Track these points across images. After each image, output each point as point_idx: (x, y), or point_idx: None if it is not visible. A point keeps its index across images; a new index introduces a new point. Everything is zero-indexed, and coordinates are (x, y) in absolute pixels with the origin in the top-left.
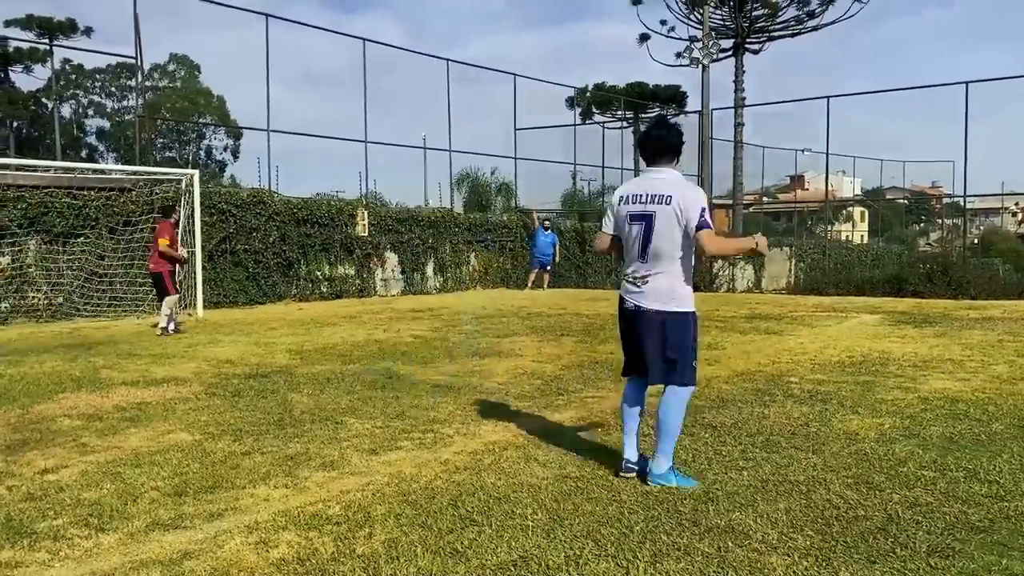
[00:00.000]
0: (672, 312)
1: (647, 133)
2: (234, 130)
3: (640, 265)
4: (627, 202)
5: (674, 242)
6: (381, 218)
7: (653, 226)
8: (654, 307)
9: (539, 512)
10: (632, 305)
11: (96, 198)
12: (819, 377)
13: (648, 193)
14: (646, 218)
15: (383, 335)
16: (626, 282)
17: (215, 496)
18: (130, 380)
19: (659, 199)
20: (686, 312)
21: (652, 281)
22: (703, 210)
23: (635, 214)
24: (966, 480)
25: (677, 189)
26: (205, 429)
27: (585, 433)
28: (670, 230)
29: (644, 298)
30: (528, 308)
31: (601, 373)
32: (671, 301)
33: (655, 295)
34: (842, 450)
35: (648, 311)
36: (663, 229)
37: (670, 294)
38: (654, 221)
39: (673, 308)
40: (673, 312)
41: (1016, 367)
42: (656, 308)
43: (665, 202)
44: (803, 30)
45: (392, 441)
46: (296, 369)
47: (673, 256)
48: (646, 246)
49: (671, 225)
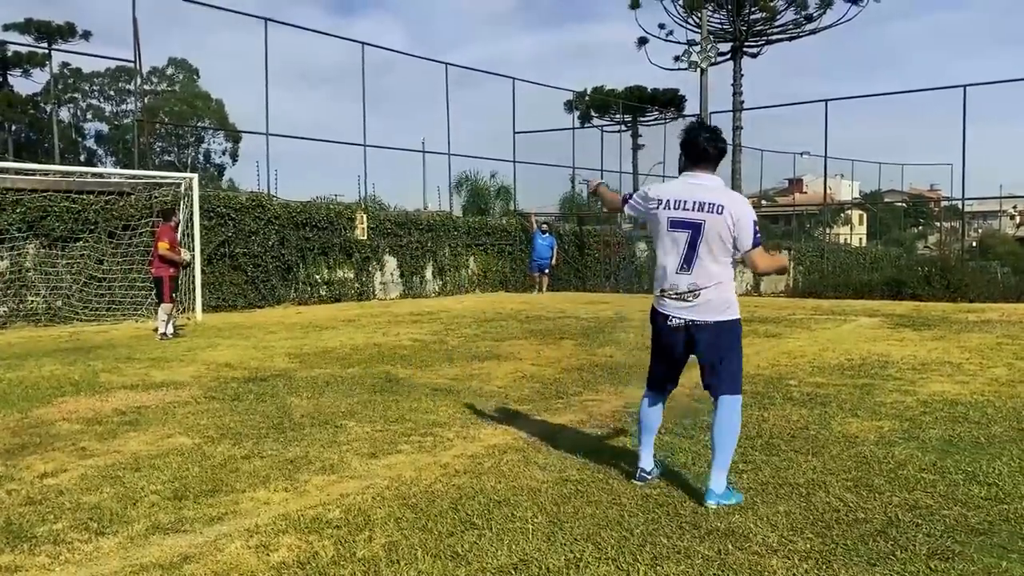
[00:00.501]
0: (729, 321)
1: (695, 136)
2: (233, 133)
3: (683, 277)
4: (668, 207)
5: (723, 253)
6: (380, 221)
7: (701, 235)
8: (713, 319)
9: (539, 515)
10: (682, 320)
11: (95, 202)
12: (818, 380)
13: (695, 200)
14: (693, 227)
15: (382, 339)
16: (668, 297)
17: (215, 500)
18: (129, 384)
19: (709, 208)
20: (738, 319)
21: (705, 294)
22: (755, 224)
23: (678, 221)
24: (966, 483)
25: (726, 199)
26: (204, 433)
27: (600, 434)
28: (720, 241)
29: (699, 312)
30: (527, 311)
31: (600, 376)
32: (727, 310)
33: (712, 308)
34: (841, 453)
35: (706, 324)
36: (713, 240)
37: (726, 304)
38: (703, 231)
39: (729, 317)
40: (729, 321)
41: (1015, 370)
42: (715, 320)
43: (716, 212)
44: (801, 33)
45: (392, 444)
46: (295, 373)
47: (722, 266)
48: (691, 256)
49: (722, 236)
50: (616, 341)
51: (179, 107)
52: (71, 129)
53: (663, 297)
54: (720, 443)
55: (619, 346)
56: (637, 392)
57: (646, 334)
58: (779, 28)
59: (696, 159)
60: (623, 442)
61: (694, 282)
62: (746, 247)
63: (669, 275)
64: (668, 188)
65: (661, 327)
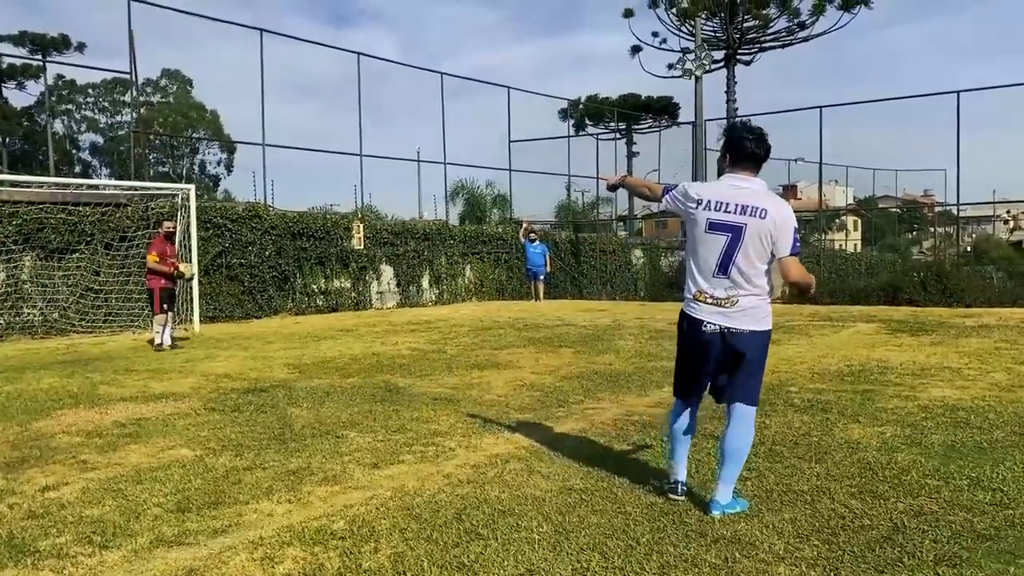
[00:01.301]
0: (764, 332)
1: (740, 136)
2: (228, 144)
3: (720, 281)
4: (708, 207)
5: (761, 259)
6: (376, 231)
7: (741, 240)
8: (749, 328)
9: (544, 525)
10: (717, 327)
11: (91, 214)
12: (819, 386)
13: (737, 203)
14: (734, 230)
15: (381, 348)
16: (702, 302)
17: (218, 512)
18: (128, 396)
19: (751, 211)
20: (770, 330)
21: (743, 301)
22: (796, 231)
23: (718, 223)
24: (970, 488)
25: (770, 203)
26: (206, 444)
27: (603, 443)
28: (760, 246)
29: (736, 320)
30: (524, 319)
31: (600, 384)
32: (763, 320)
33: (750, 316)
34: (845, 459)
35: (742, 332)
36: (753, 244)
37: (762, 313)
38: (743, 235)
39: (764, 328)
40: (764, 331)
41: (1014, 374)
42: (751, 329)
43: (759, 216)
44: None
45: (394, 455)
46: (295, 383)
47: (760, 273)
48: (729, 260)
49: (762, 241)
50: (615, 349)
51: (173, 118)
52: (66, 141)
53: (696, 301)
54: (729, 455)
55: (618, 354)
56: (638, 400)
57: (644, 341)
58: (772, 35)
59: (740, 160)
60: (625, 449)
61: (732, 288)
62: (783, 253)
63: (704, 279)
64: (710, 188)
65: (693, 333)
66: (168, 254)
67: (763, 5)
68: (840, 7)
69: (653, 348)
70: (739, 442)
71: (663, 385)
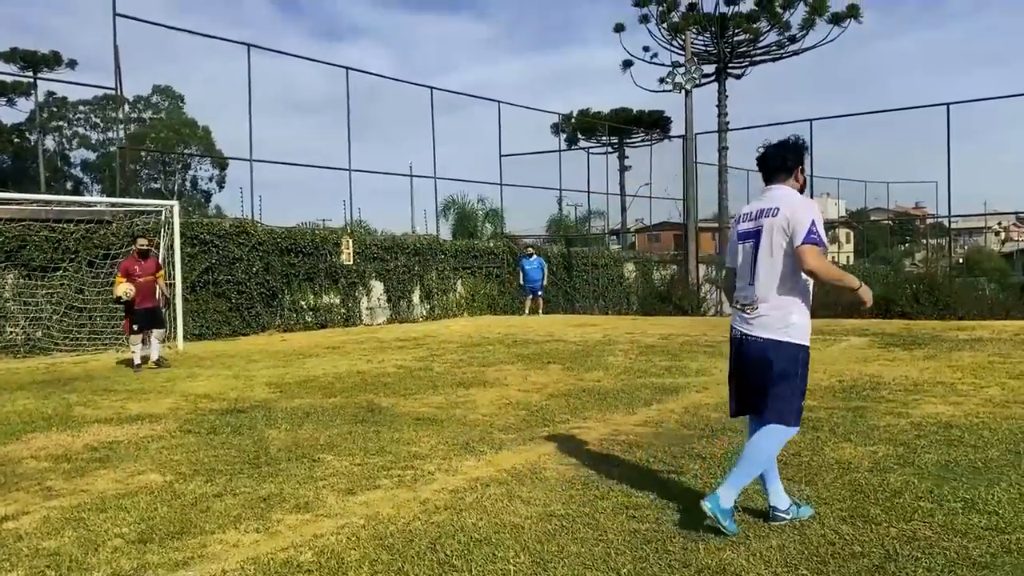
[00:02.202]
0: (783, 342)
1: (760, 154)
2: (220, 160)
3: (749, 290)
4: (739, 221)
5: (783, 261)
6: (366, 246)
7: (760, 243)
8: (764, 336)
9: (522, 555)
10: (739, 334)
11: (75, 231)
12: (809, 403)
13: (758, 209)
14: (755, 236)
15: (366, 366)
16: (735, 309)
17: (181, 543)
18: (103, 418)
19: (766, 213)
20: (799, 345)
21: (763, 308)
22: (813, 223)
23: (743, 232)
24: (964, 511)
25: (784, 202)
26: (177, 469)
27: (588, 464)
28: (776, 246)
29: (752, 326)
30: (515, 335)
31: (588, 402)
32: (783, 330)
33: (766, 324)
34: (835, 480)
35: (756, 339)
36: (768, 245)
37: (783, 324)
38: (761, 237)
39: (784, 338)
40: (785, 343)
41: (1008, 389)
42: (766, 337)
43: (771, 215)
44: (784, 54)
45: (370, 479)
46: (275, 403)
47: (784, 278)
48: (754, 267)
49: (778, 240)
50: (605, 365)
51: (165, 134)
52: (57, 157)
53: (733, 310)
54: (743, 459)
55: (607, 370)
56: (625, 419)
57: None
58: (762, 49)
59: (766, 175)
60: (610, 472)
61: (754, 294)
62: (798, 241)
63: (739, 288)
64: (745, 206)
65: (731, 342)
66: (137, 272)
67: (754, 19)
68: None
69: (643, 364)
70: (751, 450)
71: (651, 403)
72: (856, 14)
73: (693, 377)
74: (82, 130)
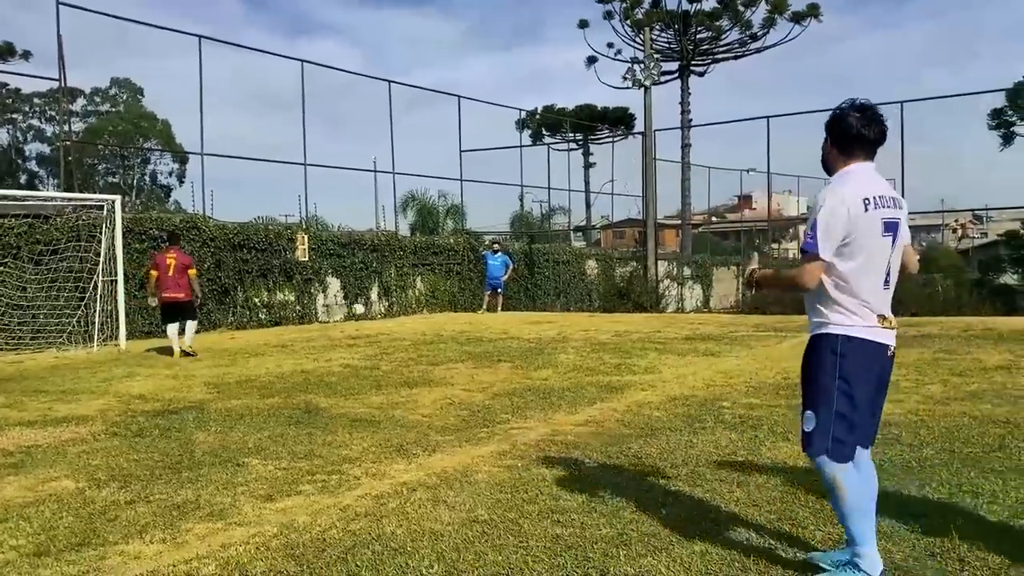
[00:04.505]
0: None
1: (875, 119)
2: (180, 155)
3: (886, 294)
4: (876, 205)
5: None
6: (322, 242)
7: (897, 237)
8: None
9: (436, 564)
10: (890, 349)
11: (16, 226)
12: (752, 401)
13: (890, 195)
14: (895, 227)
15: (312, 364)
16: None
17: (79, 555)
18: (28, 420)
19: (899, 202)
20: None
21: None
22: (815, 223)
23: (890, 221)
24: (893, 514)
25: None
26: (93, 475)
27: (520, 466)
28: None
29: (894, 338)
30: (469, 333)
31: (531, 401)
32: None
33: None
34: (768, 482)
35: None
36: (901, 241)
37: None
38: (899, 230)
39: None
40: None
41: (950, 386)
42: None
43: (902, 206)
44: (746, 52)
45: (292, 485)
46: (210, 404)
47: None
48: (891, 266)
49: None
50: (555, 363)
51: (123, 127)
52: (11, 151)
53: (875, 326)
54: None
55: (556, 368)
56: (567, 418)
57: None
58: (725, 47)
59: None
60: (542, 475)
61: (889, 297)
62: (909, 240)
63: (868, 290)
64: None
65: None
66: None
67: (716, 17)
68: (791, 19)
69: (592, 362)
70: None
71: (595, 402)
72: (816, 13)
73: (640, 375)
74: (37, 123)
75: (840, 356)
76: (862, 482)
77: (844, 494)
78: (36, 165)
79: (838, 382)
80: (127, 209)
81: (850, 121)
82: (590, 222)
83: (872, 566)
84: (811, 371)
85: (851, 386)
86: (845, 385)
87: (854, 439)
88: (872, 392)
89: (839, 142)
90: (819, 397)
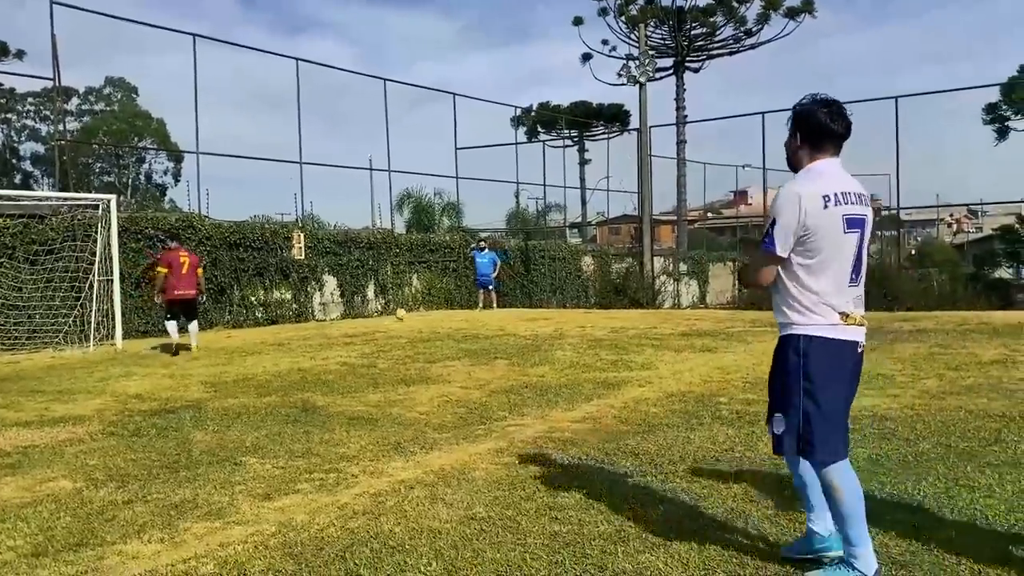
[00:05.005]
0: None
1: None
2: (175, 153)
3: (856, 290)
4: (838, 202)
5: None
6: (318, 240)
7: (864, 234)
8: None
9: (435, 562)
10: (860, 346)
11: (11, 226)
12: (749, 397)
13: (855, 192)
14: (861, 223)
15: (308, 363)
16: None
17: (77, 556)
18: (24, 420)
19: (865, 199)
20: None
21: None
22: (772, 223)
23: (853, 218)
24: (889, 508)
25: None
26: (91, 475)
27: (517, 463)
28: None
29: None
30: (465, 330)
31: (528, 398)
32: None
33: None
34: (765, 478)
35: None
36: (867, 237)
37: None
38: (865, 227)
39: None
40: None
41: (946, 380)
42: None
43: (868, 203)
44: (741, 48)
45: (290, 483)
46: (207, 403)
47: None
48: (859, 262)
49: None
50: (551, 360)
51: (118, 127)
52: (6, 151)
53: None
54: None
55: (553, 365)
56: (564, 415)
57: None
58: (719, 43)
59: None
60: (539, 472)
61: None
62: None
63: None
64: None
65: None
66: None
67: (710, 13)
68: (785, 15)
69: (589, 359)
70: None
71: (592, 398)
72: (810, 8)
73: (637, 371)
74: (31, 122)
75: (803, 356)
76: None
77: (842, 496)
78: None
79: (803, 383)
80: (122, 208)
81: (819, 116)
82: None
83: (867, 565)
84: (777, 373)
85: (816, 386)
86: (810, 385)
87: (837, 436)
88: (844, 391)
89: (810, 137)
90: (786, 399)
